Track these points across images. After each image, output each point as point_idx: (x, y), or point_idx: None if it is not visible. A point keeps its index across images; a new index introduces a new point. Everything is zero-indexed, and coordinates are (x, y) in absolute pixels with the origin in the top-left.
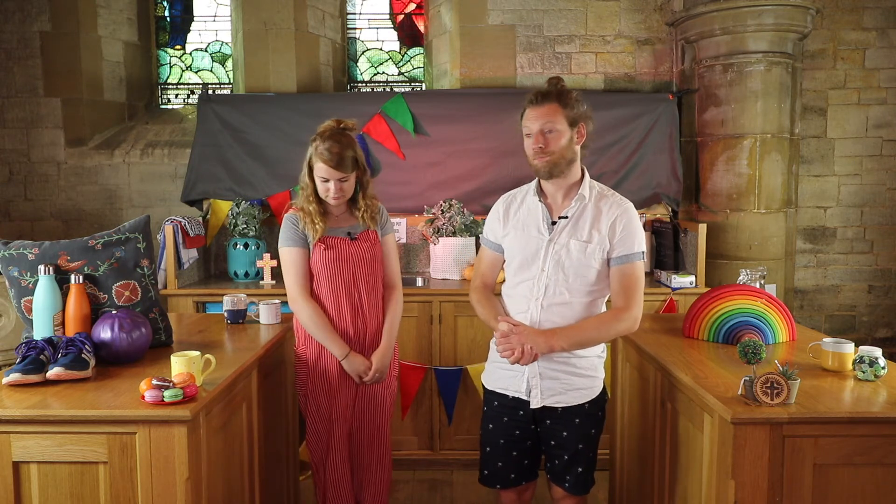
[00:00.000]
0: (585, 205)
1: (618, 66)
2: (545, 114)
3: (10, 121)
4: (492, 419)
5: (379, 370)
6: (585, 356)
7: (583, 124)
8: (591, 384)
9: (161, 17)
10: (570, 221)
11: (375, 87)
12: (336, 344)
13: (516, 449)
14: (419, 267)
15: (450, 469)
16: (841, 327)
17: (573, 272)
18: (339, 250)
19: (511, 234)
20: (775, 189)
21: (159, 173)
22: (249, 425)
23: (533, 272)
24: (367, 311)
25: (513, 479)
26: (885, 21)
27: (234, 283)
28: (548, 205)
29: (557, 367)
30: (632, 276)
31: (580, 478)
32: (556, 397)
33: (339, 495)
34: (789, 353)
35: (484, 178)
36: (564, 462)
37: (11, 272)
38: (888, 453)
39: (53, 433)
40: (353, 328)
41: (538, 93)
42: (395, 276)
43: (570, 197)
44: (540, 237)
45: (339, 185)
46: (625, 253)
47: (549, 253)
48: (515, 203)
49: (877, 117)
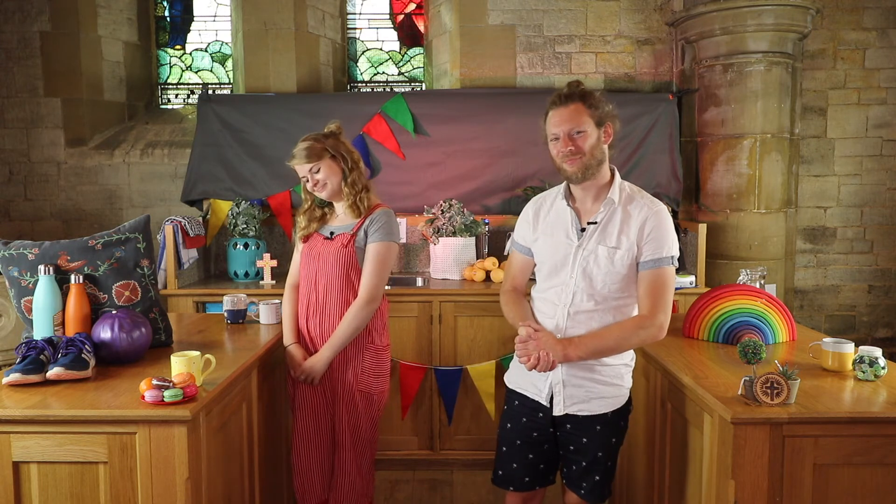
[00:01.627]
0: (615, 209)
1: (618, 66)
2: (571, 115)
3: (10, 121)
4: (511, 418)
5: (305, 372)
6: (611, 364)
7: (609, 123)
8: (616, 392)
9: (161, 17)
10: (599, 227)
11: (375, 87)
12: (287, 331)
13: (533, 452)
14: (419, 267)
15: (450, 469)
16: (841, 327)
17: (601, 280)
18: (311, 247)
19: (541, 239)
20: (775, 189)
21: (159, 173)
22: (249, 425)
23: (562, 278)
24: (324, 314)
25: (526, 483)
26: (885, 21)
27: (234, 283)
28: (576, 209)
29: (582, 374)
30: (659, 280)
31: (596, 486)
32: (578, 405)
33: (304, 483)
34: (789, 353)
35: (484, 178)
36: (582, 468)
37: (11, 272)
38: (888, 453)
39: (53, 433)
40: (309, 326)
41: (561, 94)
42: (364, 287)
43: (600, 200)
44: (569, 243)
45: (312, 176)
46: (653, 257)
47: (578, 259)
48: (545, 207)
49: (877, 117)
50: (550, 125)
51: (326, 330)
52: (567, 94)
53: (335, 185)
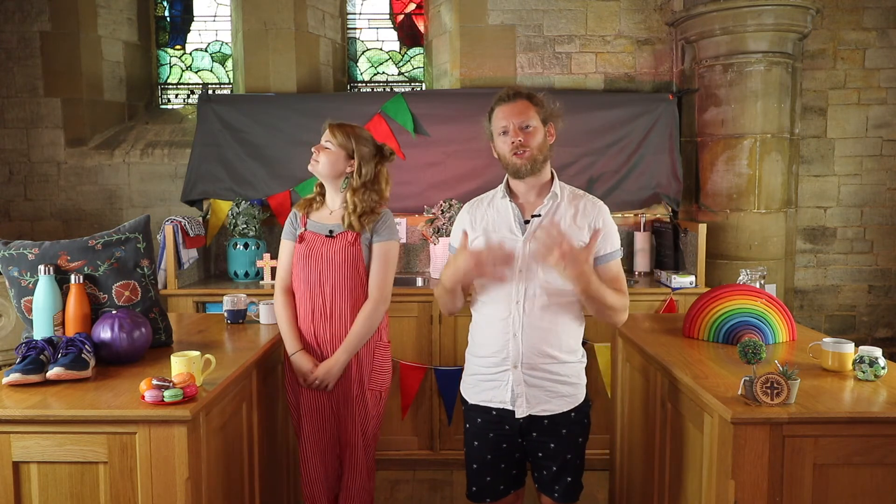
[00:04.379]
0: (558, 203)
1: (618, 66)
2: (520, 110)
3: (10, 121)
4: (476, 436)
5: (320, 378)
6: (568, 362)
7: (552, 123)
8: (574, 391)
9: (161, 17)
10: (545, 219)
11: (375, 87)
12: (289, 339)
13: (504, 462)
14: (419, 267)
15: (450, 469)
16: (841, 327)
17: (551, 269)
18: (311, 247)
19: (481, 237)
20: (775, 189)
21: (159, 173)
22: (249, 425)
23: (510, 274)
24: (331, 315)
25: (502, 491)
26: (885, 21)
27: (234, 283)
28: (519, 205)
29: (541, 374)
30: (618, 272)
31: (570, 487)
32: (542, 406)
33: (312, 489)
34: (789, 353)
35: (484, 178)
36: (553, 473)
37: (11, 272)
38: (888, 453)
39: (53, 433)
40: (314, 329)
41: (507, 93)
42: (374, 287)
43: (543, 196)
44: (513, 238)
45: (320, 148)
46: (607, 251)
47: (525, 252)
48: (482, 207)
49: (877, 117)
50: (498, 119)
51: (338, 333)
52: (513, 92)
53: (328, 170)
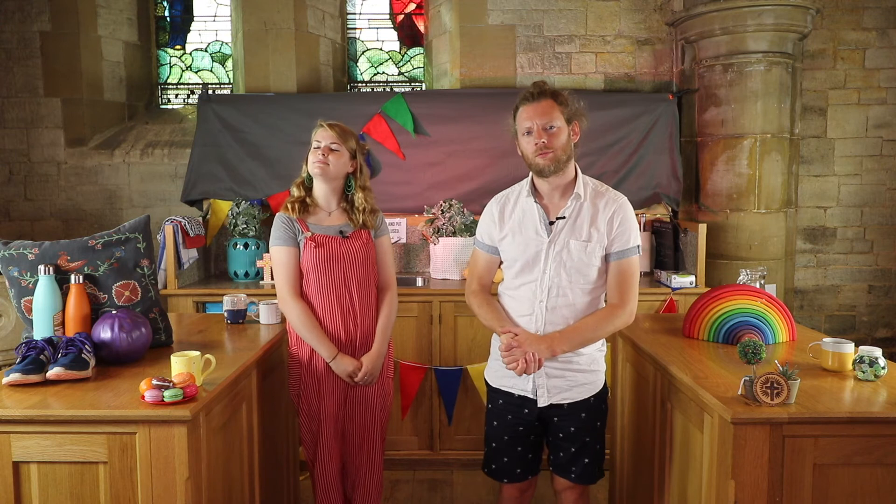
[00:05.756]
0: (582, 203)
1: (618, 66)
2: (545, 110)
3: (10, 121)
4: (496, 416)
5: (369, 373)
6: (586, 353)
7: (577, 122)
8: (594, 378)
9: (161, 17)
10: (569, 221)
11: (375, 87)
12: (324, 345)
13: (521, 444)
14: (419, 267)
15: (450, 469)
16: (841, 327)
17: (575, 272)
18: (329, 249)
19: (509, 236)
20: (775, 189)
21: (159, 173)
22: (249, 425)
23: (535, 275)
24: (359, 312)
25: (519, 474)
26: (885, 21)
27: (234, 283)
28: (543, 205)
29: (561, 365)
30: (628, 271)
31: (587, 468)
32: (562, 394)
33: (329, 494)
34: (789, 353)
35: (484, 178)
36: (571, 454)
37: (11, 272)
38: (888, 453)
39: (53, 433)
40: (344, 329)
41: (532, 91)
42: (389, 278)
43: (567, 196)
44: (539, 239)
45: (328, 149)
46: (622, 248)
47: (551, 254)
48: (510, 204)
49: (877, 117)
50: (522, 119)
51: (362, 329)
52: (538, 91)
53: (336, 173)
